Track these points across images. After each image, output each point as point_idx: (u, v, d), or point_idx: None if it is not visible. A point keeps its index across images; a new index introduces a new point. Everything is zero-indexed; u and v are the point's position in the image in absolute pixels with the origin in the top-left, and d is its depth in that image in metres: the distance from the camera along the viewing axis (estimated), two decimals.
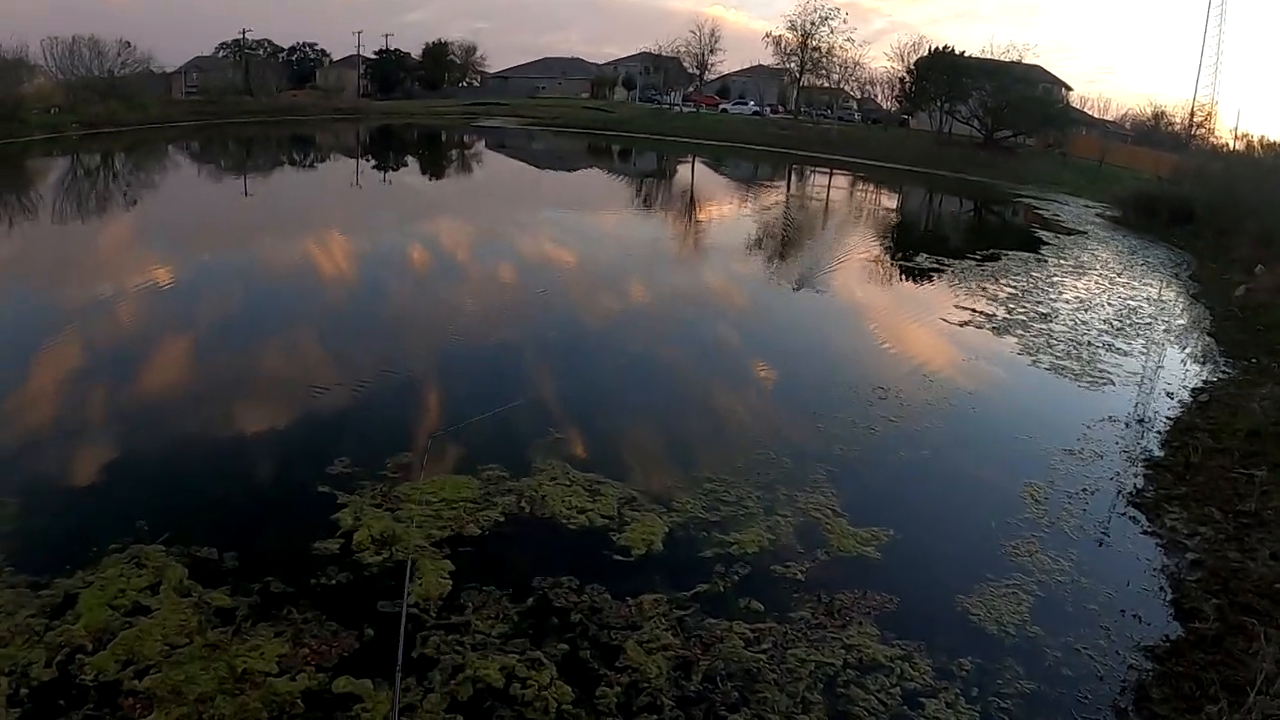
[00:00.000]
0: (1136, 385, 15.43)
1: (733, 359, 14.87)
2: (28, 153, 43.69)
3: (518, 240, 25.99)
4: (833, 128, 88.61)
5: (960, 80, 78.96)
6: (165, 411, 11.26)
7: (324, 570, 7.66)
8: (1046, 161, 72.07)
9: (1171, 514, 10.18)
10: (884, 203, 51.26)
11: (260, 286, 18.39)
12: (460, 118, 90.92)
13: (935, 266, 25.75)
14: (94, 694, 6.07)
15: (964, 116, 79.76)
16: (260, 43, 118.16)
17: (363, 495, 9.00)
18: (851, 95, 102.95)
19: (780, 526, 8.97)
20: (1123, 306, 22.23)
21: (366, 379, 12.83)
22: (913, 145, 76.09)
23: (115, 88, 62.97)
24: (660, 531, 8.70)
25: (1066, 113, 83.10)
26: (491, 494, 9.21)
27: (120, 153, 47.49)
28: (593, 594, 7.55)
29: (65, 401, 11.32)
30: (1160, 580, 8.72)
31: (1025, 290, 22.81)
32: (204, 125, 65.66)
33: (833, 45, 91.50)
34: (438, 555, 7.99)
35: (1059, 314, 20.38)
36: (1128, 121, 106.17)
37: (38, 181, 36.24)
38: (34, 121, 50.21)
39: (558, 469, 9.86)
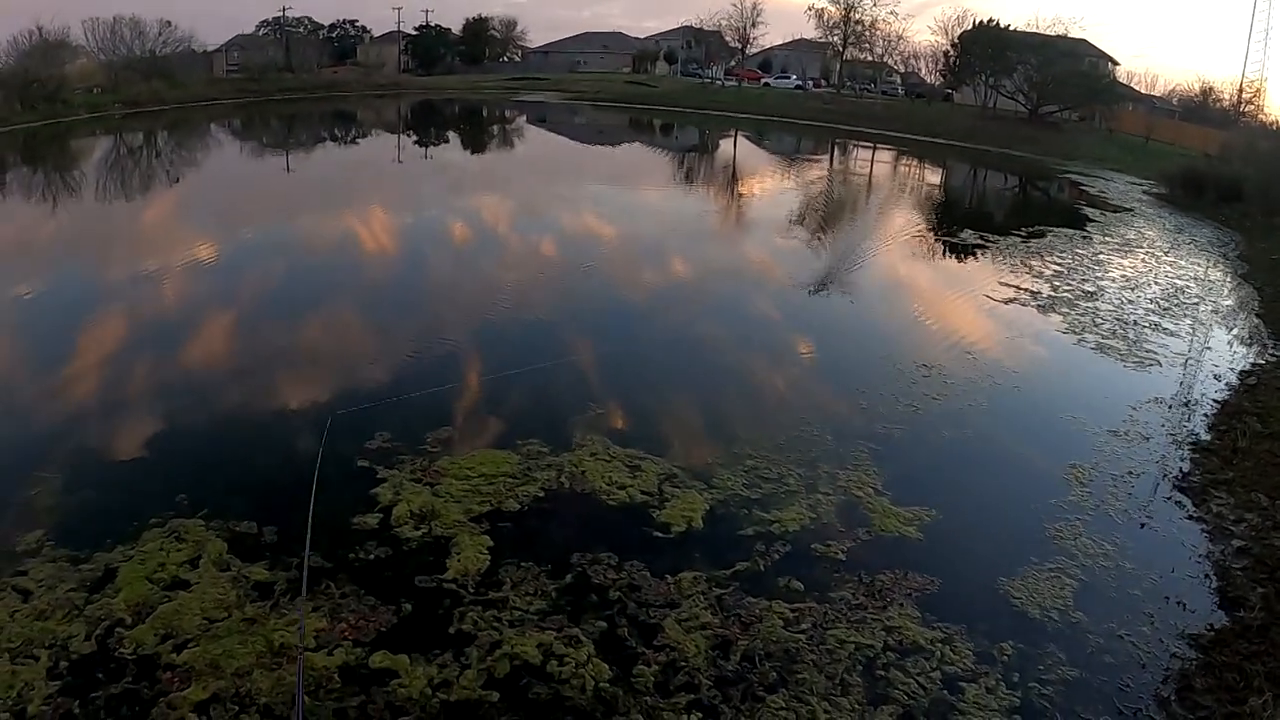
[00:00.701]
0: (1183, 366, 15.12)
1: (774, 334, 14.79)
2: (71, 132, 43.97)
3: (562, 215, 26.04)
4: (876, 102, 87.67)
5: (1005, 54, 77.71)
6: (206, 385, 11.37)
7: (362, 545, 7.70)
8: (1092, 137, 70.89)
9: (1218, 499, 9.98)
10: (927, 178, 50.73)
11: (302, 261, 18.51)
12: (501, 93, 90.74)
13: (979, 243, 25.46)
14: (132, 667, 6.14)
15: (1009, 91, 78.62)
16: (301, 20, 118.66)
17: (402, 470, 9.03)
18: (895, 69, 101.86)
19: (821, 505, 8.90)
20: (1169, 286, 21.83)
21: (407, 352, 12.93)
22: (956, 120, 75.12)
23: (157, 67, 63.42)
24: (700, 508, 8.67)
25: (1113, 87, 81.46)
26: (531, 469, 9.22)
27: (162, 131, 47.77)
28: (631, 571, 7.55)
29: (107, 376, 11.48)
30: (1205, 567, 8.56)
31: (1071, 267, 22.46)
32: (245, 103, 65.92)
33: (875, 18, 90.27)
34: (476, 530, 8.00)
35: (1105, 292, 20.05)
36: (1175, 97, 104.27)
37: (82, 160, 36.48)
38: (76, 101, 50.64)
39: (598, 444, 9.86)
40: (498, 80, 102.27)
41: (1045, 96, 75.80)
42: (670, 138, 63.99)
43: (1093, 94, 75.16)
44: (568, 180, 35.31)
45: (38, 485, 8.40)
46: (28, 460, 8.95)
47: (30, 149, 38.06)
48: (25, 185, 29.22)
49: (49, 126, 43.84)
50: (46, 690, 5.90)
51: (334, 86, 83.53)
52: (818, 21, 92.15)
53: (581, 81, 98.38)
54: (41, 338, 13.14)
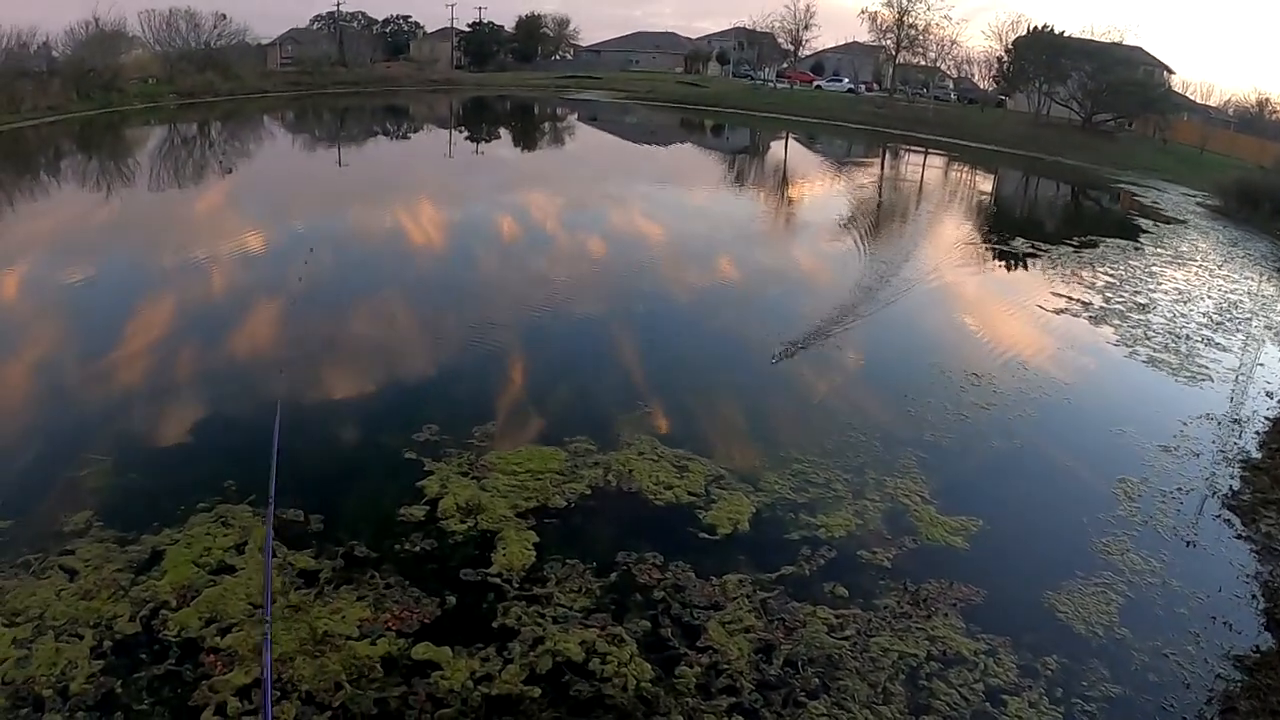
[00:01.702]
0: (1235, 382, 14.93)
1: (821, 339, 14.70)
2: (127, 121, 44.88)
3: (612, 214, 26.16)
4: (928, 107, 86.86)
5: (1059, 61, 76.73)
6: (256, 373, 11.52)
7: (408, 536, 7.80)
8: (1146, 147, 69.98)
9: (1267, 519, 9.88)
10: (979, 185, 50.26)
11: (353, 255, 18.63)
12: (552, 90, 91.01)
13: (1031, 252, 25.20)
14: (176, 649, 6.27)
15: (1063, 98, 77.56)
16: (355, 15, 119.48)
17: (449, 463, 9.13)
18: (947, 74, 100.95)
19: (868, 511, 8.92)
20: (1222, 300, 21.55)
21: (457, 346, 13.12)
22: (1009, 126, 74.41)
23: (211, 59, 64.19)
24: (747, 511, 8.70)
25: (1168, 97, 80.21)
26: (578, 466, 9.29)
27: (216, 122, 48.41)
28: (676, 571, 7.59)
29: (158, 361, 11.71)
30: (1253, 587, 8.48)
31: (1123, 279, 22.22)
32: (298, 96, 66.71)
33: (929, 22, 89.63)
34: (522, 526, 8.07)
35: (1157, 305, 19.82)
36: (1231, 108, 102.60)
37: (137, 149, 37.20)
38: (132, 91, 51.49)
39: (646, 444, 9.91)
40: (549, 77, 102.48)
41: (1099, 104, 74.74)
42: (721, 139, 63.88)
43: (1147, 103, 74.03)
44: (618, 179, 35.35)
45: (88, 466, 8.58)
46: (79, 441, 9.14)
47: (85, 137, 38.77)
48: (80, 172, 29.71)
49: (105, 115, 44.67)
50: (90, 669, 6.03)
51: (386, 81, 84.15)
52: (871, 24, 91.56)
53: (633, 81, 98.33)
54: (94, 322, 13.40)
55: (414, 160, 39.17)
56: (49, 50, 50.75)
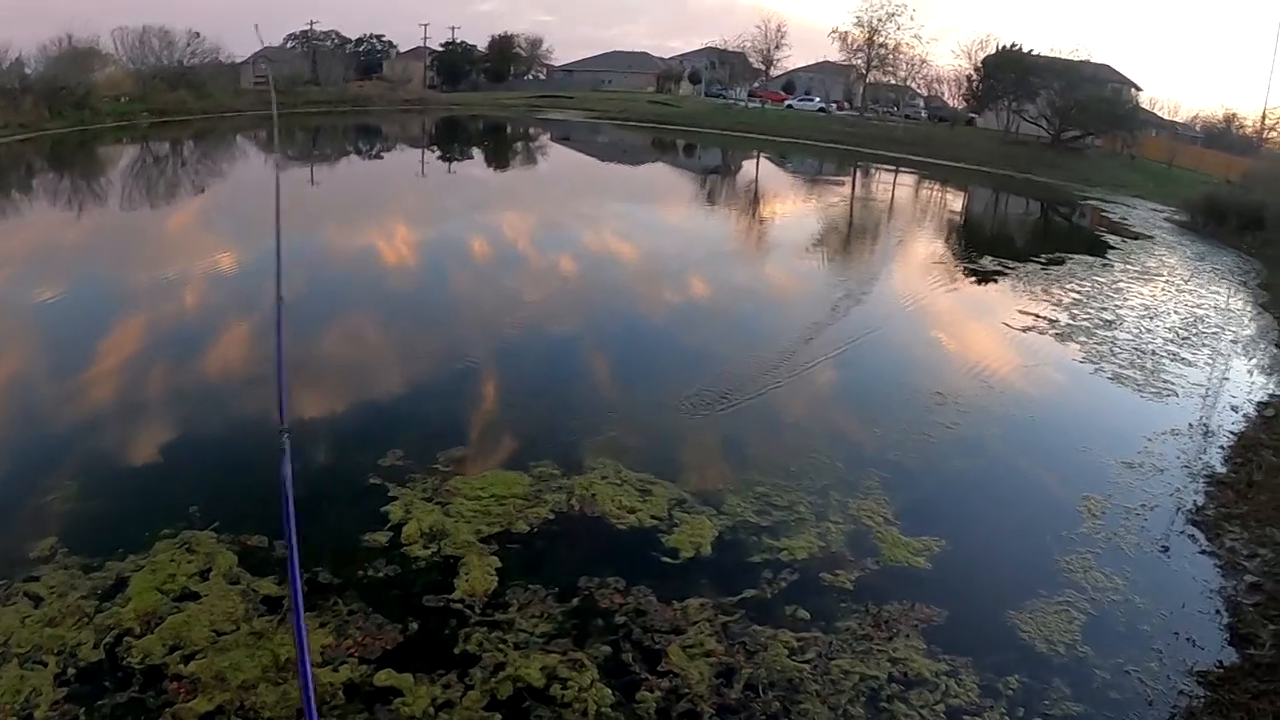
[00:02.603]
0: (1200, 397, 15.04)
1: (789, 359, 14.62)
2: (99, 139, 44.66)
3: (585, 234, 26.21)
4: (898, 125, 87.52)
5: (1028, 79, 77.56)
6: (222, 397, 11.42)
7: (372, 562, 7.73)
8: (1115, 163, 70.65)
9: (1231, 534, 9.92)
10: (949, 203, 50.59)
11: (321, 274, 18.48)
12: (524, 110, 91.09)
13: (999, 269, 25.35)
14: (139, 676, 6.18)
15: (1032, 116, 78.37)
16: (328, 34, 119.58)
17: (414, 488, 9.06)
18: (918, 93, 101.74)
19: (831, 533, 8.88)
20: (1189, 315, 21.75)
21: (425, 369, 13.02)
22: (979, 144, 75.02)
23: (184, 77, 64.04)
24: (709, 534, 8.66)
25: (1136, 114, 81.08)
26: (542, 491, 9.22)
27: (189, 141, 48.26)
28: (638, 596, 7.54)
29: (124, 383, 11.61)
30: (1216, 603, 8.49)
31: (1089, 295, 22.37)
32: (271, 115, 66.39)
33: (899, 42, 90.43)
34: (485, 551, 8.00)
35: (1123, 321, 19.97)
36: (1198, 124, 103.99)
37: (109, 168, 37.08)
38: (105, 109, 51.29)
39: (609, 467, 9.84)
40: (522, 97, 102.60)
41: (1068, 122, 75.50)
42: (693, 158, 64.11)
43: (1116, 120, 74.81)
44: (590, 199, 35.36)
45: (53, 492, 8.48)
46: (44, 467, 9.04)
47: (57, 155, 38.59)
48: (52, 191, 29.68)
49: (77, 133, 44.49)
50: (54, 696, 5.95)
51: (359, 101, 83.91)
52: (841, 44, 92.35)
53: (605, 100, 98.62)
54: (61, 343, 13.25)
55: (386, 179, 39.13)
56: (21, 67, 50.34)
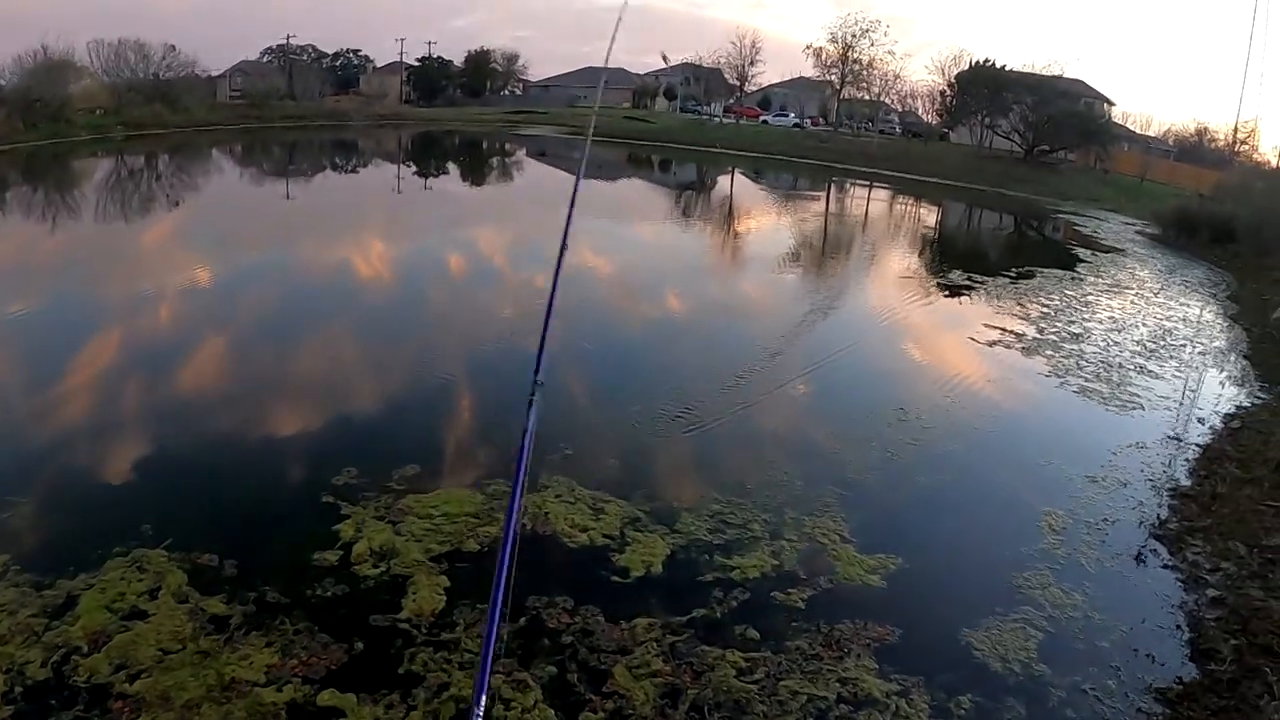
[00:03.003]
0: (1167, 410, 15.01)
1: (752, 375, 14.47)
2: (74, 153, 44.48)
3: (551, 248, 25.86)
4: (872, 141, 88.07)
5: (1001, 94, 78.20)
6: (179, 415, 11.26)
7: (320, 582, 7.59)
8: (1088, 177, 71.30)
9: (1194, 547, 9.81)
10: (921, 217, 50.81)
11: (290, 290, 18.44)
12: (500, 126, 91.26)
13: (967, 284, 25.34)
14: (85, 695, 6.07)
15: (1004, 131, 79.02)
16: (305, 48, 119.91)
17: (366, 507, 8.90)
18: (893, 108, 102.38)
19: (785, 552, 8.73)
20: (1157, 327, 21.81)
21: (387, 386, 12.84)
22: (952, 159, 75.51)
23: (160, 90, 63.87)
24: (661, 553, 8.51)
25: (1108, 128, 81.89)
26: (494, 509, 9.03)
27: (164, 154, 48.11)
28: (586, 615, 7.39)
29: (84, 401, 11.41)
30: (1178, 618, 8.38)
31: (1058, 309, 22.38)
32: (247, 129, 66.51)
33: (873, 58, 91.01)
34: (435, 571, 7.88)
35: (1091, 334, 19.96)
36: (1170, 138, 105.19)
37: (84, 181, 36.94)
38: (80, 122, 51.10)
39: (564, 485, 9.68)
40: (497, 113, 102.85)
41: (1041, 136, 76.17)
42: (669, 174, 64.37)
43: (1088, 134, 75.55)
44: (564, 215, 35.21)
45: (6, 509, 8.32)
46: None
47: (31, 168, 38.52)
48: (25, 204, 29.51)
49: (51, 146, 44.33)
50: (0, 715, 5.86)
51: (335, 115, 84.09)
52: (816, 60, 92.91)
53: (580, 116, 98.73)
54: (24, 359, 13.12)
55: (361, 195, 39.07)
56: None
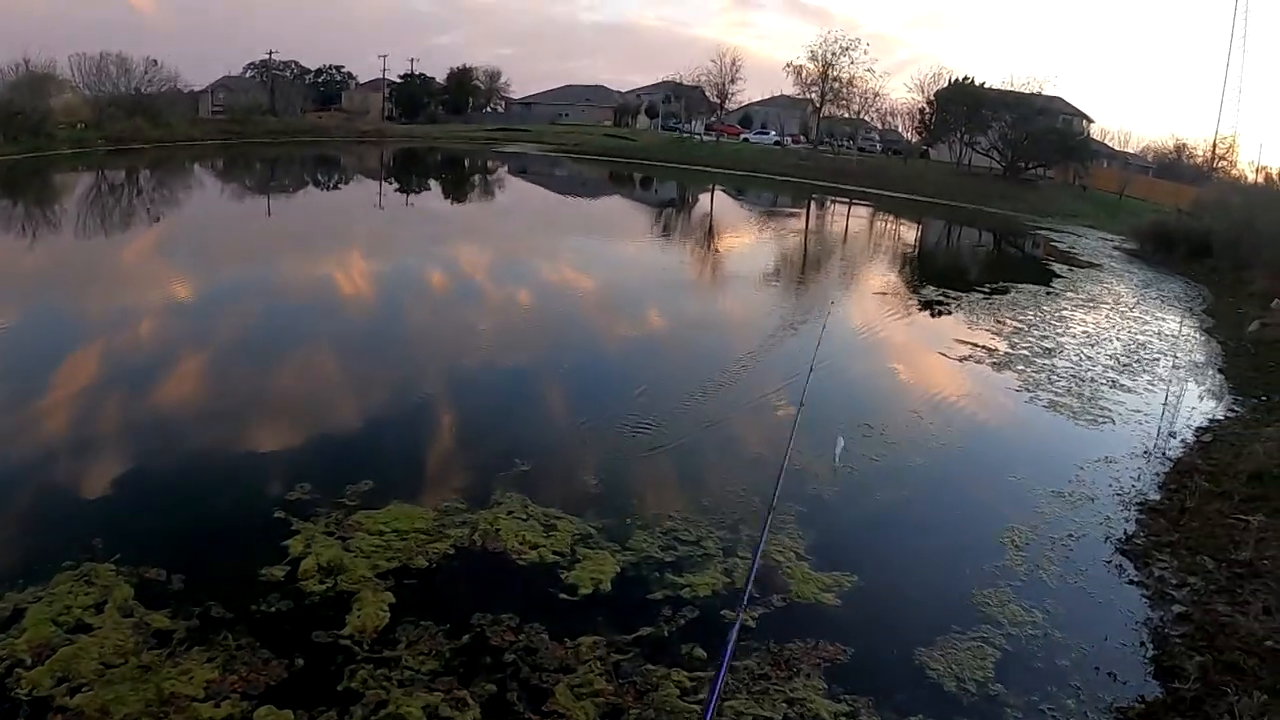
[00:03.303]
0: (1138, 424, 14.87)
1: (717, 392, 14.29)
2: (54, 166, 44.58)
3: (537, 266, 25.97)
4: (852, 158, 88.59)
5: (980, 111, 78.81)
6: (138, 429, 11.15)
7: (266, 597, 7.42)
8: (1066, 194, 71.83)
9: (1161, 562, 9.63)
10: (899, 234, 50.96)
11: (257, 307, 18.18)
12: (481, 143, 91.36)
13: (941, 299, 25.34)
14: (26, 708, 5.94)
15: (984, 148, 79.52)
16: (288, 64, 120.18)
17: (317, 522, 8.72)
18: (873, 126, 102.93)
19: (738, 569, 8.50)
20: (1131, 341, 21.79)
21: (351, 401, 12.64)
22: (932, 176, 76.03)
23: (141, 105, 63.76)
24: (611, 571, 8.30)
25: (1087, 145, 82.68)
26: (445, 526, 8.87)
27: (144, 169, 48.18)
28: (531, 633, 7.19)
29: (40, 417, 11.23)
30: (1141, 635, 8.18)
31: (1031, 324, 22.34)
32: (228, 144, 66.52)
33: (853, 75, 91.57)
34: (381, 587, 7.69)
35: (1064, 349, 19.88)
36: (1149, 154, 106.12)
37: (64, 195, 36.94)
38: (60, 136, 51.05)
39: (517, 502, 9.48)
40: (478, 130, 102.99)
41: (1020, 153, 76.64)
42: (650, 191, 64.60)
43: (1067, 151, 76.17)
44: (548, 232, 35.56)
45: None
46: None
47: (11, 182, 38.57)
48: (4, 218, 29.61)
49: (31, 159, 44.36)
50: None
51: (316, 131, 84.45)
52: (796, 78, 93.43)
53: (562, 134, 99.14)
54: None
55: (341, 212, 38.97)
56: None
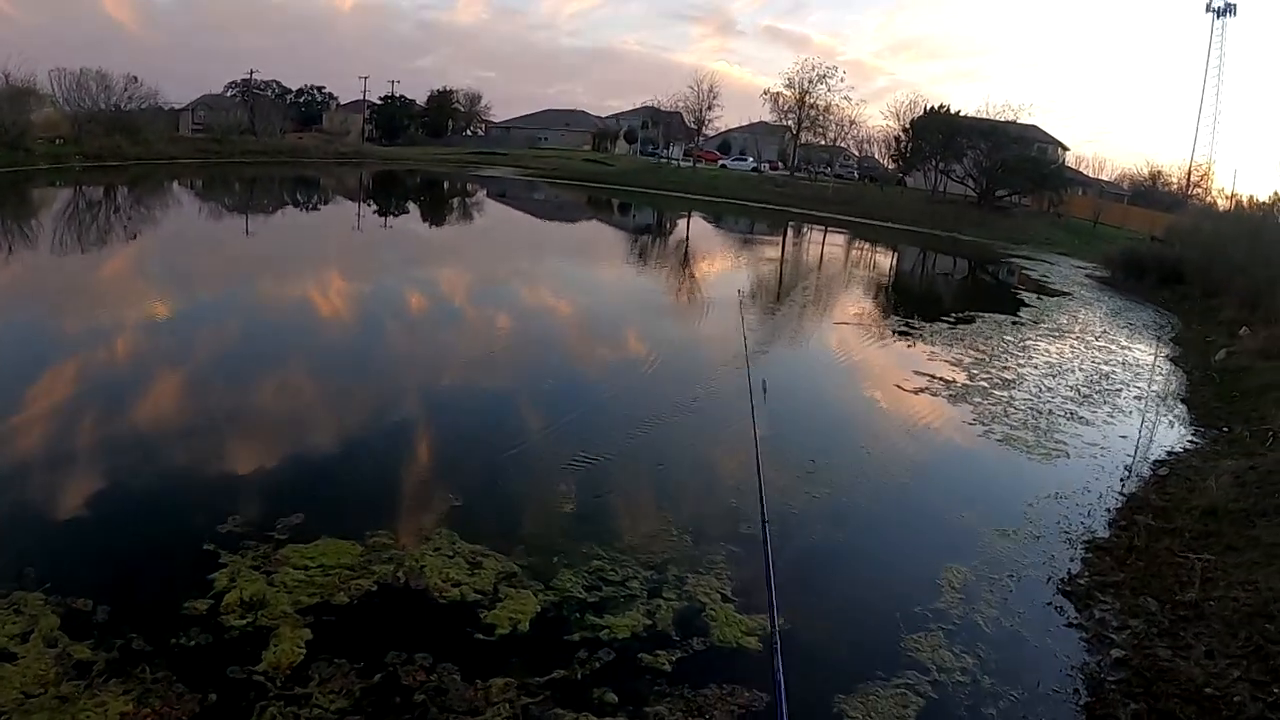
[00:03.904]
0: (1093, 458, 14.70)
1: (659, 427, 13.99)
2: (31, 181, 44.68)
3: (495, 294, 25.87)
4: (828, 185, 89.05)
5: (955, 139, 79.29)
6: (75, 457, 10.92)
7: (187, 630, 7.32)
8: (1041, 221, 72.25)
9: (1103, 604, 9.44)
10: (871, 262, 50.99)
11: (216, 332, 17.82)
12: (459, 166, 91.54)
13: (905, 330, 25.21)
14: None
15: (959, 175, 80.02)
16: (269, 83, 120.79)
17: (245, 556, 8.57)
18: (851, 153, 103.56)
19: (660, 611, 8.31)
20: (1094, 372, 21.69)
21: (295, 431, 12.51)
22: (907, 204, 76.50)
23: (119, 121, 63.69)
24: (531, 611, 8.11)
25: (1061, 172, 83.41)
26: (372, 562, 8.70)
27: (120, 187, 48.18)
28: (443, 674, 7.04)
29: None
30: (1076, 681, 7.98)
31: (993, 354, 22.22)
32: (206, 163, 66.49)
33: (830, 103, 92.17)
34: (299, 623, 7.57)
35: (1024, 380, 19.74)
36: (1125, 181, 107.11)
37: (40, 211, 37.28)
38: (38, 151, 50.85)
39: (445, 538, 9.29)
40: (456, 153, 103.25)
41: (994, 181, 77.12)
42: (628, 217, 64.88)
43: (1041, 179, 76.74)
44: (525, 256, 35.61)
45: None
46: None
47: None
48: None
49: (8, 174, 44.63)
50: None
51: (295, 152, 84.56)
52: (773, 105, 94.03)
53: (540, 158, 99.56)
54: None
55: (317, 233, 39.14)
56: None
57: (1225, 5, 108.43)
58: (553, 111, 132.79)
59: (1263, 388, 19.48)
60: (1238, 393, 19.78)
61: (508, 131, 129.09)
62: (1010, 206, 78.01)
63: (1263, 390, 19.28)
